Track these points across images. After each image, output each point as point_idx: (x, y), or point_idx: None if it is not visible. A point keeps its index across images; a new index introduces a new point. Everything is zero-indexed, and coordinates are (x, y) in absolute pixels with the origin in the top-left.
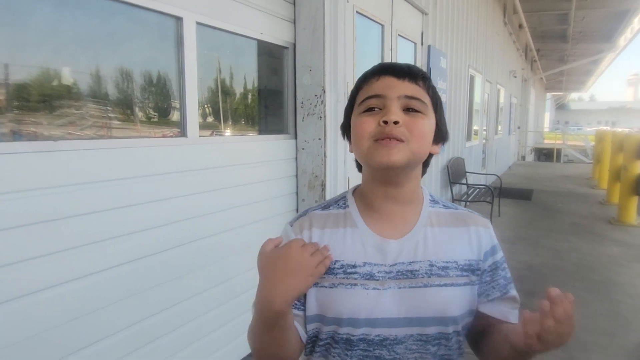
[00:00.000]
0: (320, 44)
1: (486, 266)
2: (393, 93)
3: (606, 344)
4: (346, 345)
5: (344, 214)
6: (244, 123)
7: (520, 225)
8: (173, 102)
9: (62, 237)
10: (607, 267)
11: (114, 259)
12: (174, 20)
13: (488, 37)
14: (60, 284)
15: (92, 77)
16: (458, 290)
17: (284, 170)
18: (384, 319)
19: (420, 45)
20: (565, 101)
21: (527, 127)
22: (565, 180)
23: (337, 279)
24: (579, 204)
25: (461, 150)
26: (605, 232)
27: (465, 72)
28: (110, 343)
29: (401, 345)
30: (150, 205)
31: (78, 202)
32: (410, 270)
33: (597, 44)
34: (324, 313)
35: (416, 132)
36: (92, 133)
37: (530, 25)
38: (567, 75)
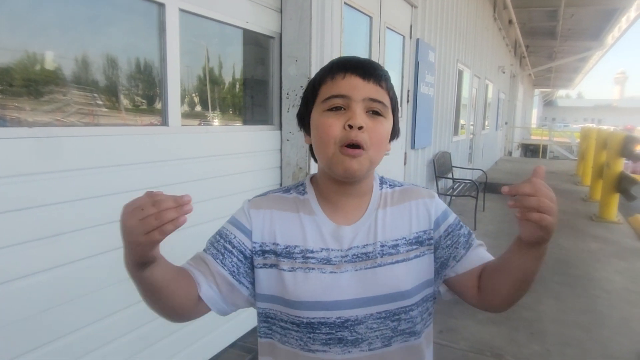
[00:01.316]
0: (307, 35)
1: (441, 232)
2: (358, 95)
3: (582, 337)
4: (308, 329)
5: (303, 201)
6: (229, 113)
7: (504, 220)
8: (155, 90)
9: (39, 225)
10: (586, 262)
11: (89, 248)
12: (157, 6)
13: (477, 32)
14: (39, 271)
15: (73, 63)
16: (410, 265)
17: (268, 162)
18: (343, 301)
19: (409, 38)
20: (553, 98)
21: (515, 123)
22: (550, 176)
23: (296, 263)
24: (561, 200)
25: (448, 144)
26: (586, 229)
27: (454, 66)
28: (93, 330)
29: (362, 325)
30: (129, 194)
31: (54, 190)
32: (364, 253)
33: (585, 42)
34: (283, 296)
35: (376, 139)
36: (72, 120)
37: (520, 21)
38: (555, 72)
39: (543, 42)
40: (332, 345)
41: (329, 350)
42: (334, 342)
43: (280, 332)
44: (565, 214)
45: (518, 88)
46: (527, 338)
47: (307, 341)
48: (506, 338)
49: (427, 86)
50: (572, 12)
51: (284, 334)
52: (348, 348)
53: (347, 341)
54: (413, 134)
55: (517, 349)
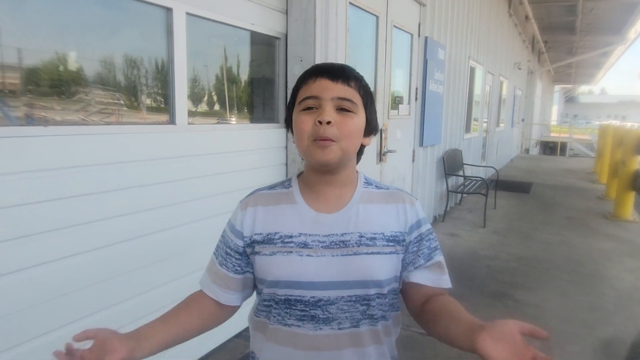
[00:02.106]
0: (311, 35)
1: (412, 238)
2: (327, 95)
3: (585, 335)
4: (285, 305)
5: (287, 193)
6: (235, 112)
7: (515, 218)
8: (163, 90)
9: (47, 220)
10: (597, 261)
11: (96, 242)
12: (164, 11)
13: (491, 29)
14: (42, 263)
15: (85, 64)
16: (384, 258)
17: (274, 159)
18: (318, 282)
19: (417, 36)
20: (574, 94)
21: (532, 120)
22: (567, 174)
23: (275, 247)
24: (577, 198)
25: (459, 142)
26: (600, 227)
27: (465, 63)
28: (85, 323)
29: (334, 305)
30: (136, 189)
31: (64, 186)
32: (342, 241)
33: (607, 37)
34: (265, 277)
35: (345, 131)
36: (82, 118)
37: (537, 16)
38: (575, 68)
39: (562, 38)
40: (305, 321)
41: (302, 325)
42: (307, 318)
43: (263, 310)
44: (579, 212)
45: (536, 84)
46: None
47: (285, 316)
48: None
49: (437, 84)
50: (591, 7)
51: (268, 311)
52: (319, 325)
53: (319, 319)
54: (422, 132)
55: None
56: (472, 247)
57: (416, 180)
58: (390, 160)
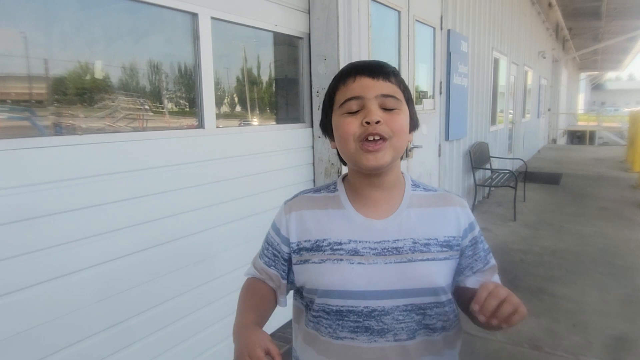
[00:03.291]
0: (334, 33)
1: (467, 242)
2: (370, 93)
3: (626, 329)
4: (337, 316)
5: (333, 197)
6: (262, 113)
7: (545, 210)
8: (191, 94)
9: (93, 224)
10: (634, 252)
11: (134, 246)
12: (190, 17)
13: (514, 18)
14: (88, 267)
15: (114, 72)
16: (439, 264)
17: (301, 159)
18: (370, 292)
19: (440, 29)
20: (601, 81)
21: (559, 110)
22: (597, 163)
23: (324, 255)
24: (609, 188)
25: (485, 134)
26: (635, 217)
27: (489, 55)
28: (122, 329)
29: (389, 316)
30: (169, 194)
31: (98, 193)
32: (395, 247)
33: (634, 21)
34: (316, 287)
35: (396, 128)
36: (119, 125)
37: (561, 3)
38: (602, 54)
39: (587, 24)
40: (359, 333)
41: (356, 337)
42: (361, 330)
43: (313, 321)
44: (612, 202)
45: (561, 73)
46: (568, 330)
47: (336, 328)
48: (546, 330)
49: (461, 77)
50: None
51: (318, 322)
52: (374, 337)
53: (374, 330)
54: (447, 126)
55: (557, 341)
56: (504, 241)
57: (443, 175)
58: (416, 155)
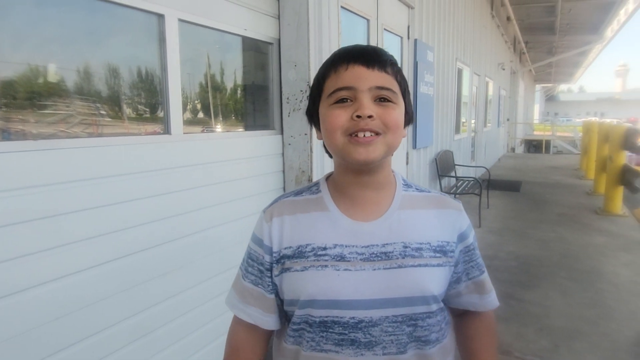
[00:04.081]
0: (305, 40)
1: (462, 247)
2: (364, 85)
3: (590, 332)
4: (321, 328)
5: (316, 199)
6: (230, 119)
7: (508, 216)
8: (157, 99)
9: (49, 235)
10: (593, 256)
11: (100, 257)
12: (156, 18)
13: (476, 30)
14: (49, 281)
15: (74, 75)
16: (431, 271)
17: (271, 166)
18: (357, 301)
19: (407, 39)
20: (554, 93)
21: (517, 119)
22: (554, 171)
23: (308, 261)
24: (566, 195)
25: (450, 143)
26: (592, 222)
27: (453, 65)
28: (101, 338)
29: (377, 327)
30: (134, 202)
31: (61, 201)
32: (384, 252)
33: (585, 36)
34: (298, 297)
35: (391, 123)
36: (76, 130)
37: (518, 17)
38: (555, 67)
39: (542, 38)
40: (344, 346)
41: (341, 351)
42: (347, 343)
43: (294, 335)
44: (570, 208)
45: (519, 84)
46: (536, 334)
47: (320, 341)
48: (515, 334)
49: (427, 86)
50: (569, 7)
51: (298, 335)
52: (361, 350)
53: (360, 343)
54: (414, 134)
55: (526, 345)
56: None
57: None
58: None
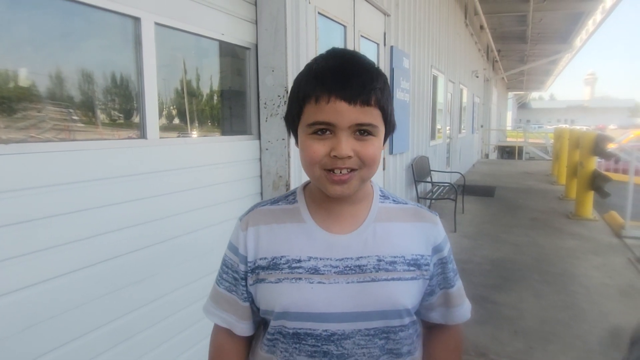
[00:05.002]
0: (282, 45)
1: (436, 260)
2: (344, 122)
3: (563, 333)
4: (294, 339)
5: (292, 209)
6: (207, 124)
7: (482, 221)
8: (132, 103)
9: (23, 241)
10: (565, 259)
11: (75, 262)
12: (132, 21)
13: (450, 38)
14: (23, 287)
15: (48, 78)
16: (405, 285)
17: (248, 171)
18: (330, 314)
19: (383, 45)
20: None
21: (490, 126)
22: (527, 177)
23: (282, 274)
24: (538, 200)
25: (425, 149)
26: (563, 226)
27: (428, 72)
28: (84, 342)
29: (349, 340)
30: (110, 208)
31: (32, 206)
32: (358, 266)
33: (555, 45)
34: (272, 308)
35: (368, 160)
36: (48, 136)
37: (491, 26)
38: (527, 75)
39: (514, 46)
40: (317, 358)
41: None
42: (319, 355)
43: (268, 344)
44: (542, 213)
45: (492, 91)
46: (510, 336)
47: (293, 352)
48: (490, 337)
49: (403, 92)
50: (540, 17)
51: (272, 345)
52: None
53: (333, 355)
54: (391, 140)
55: (501, 348)
56: None
57: (387, 188)
58: None
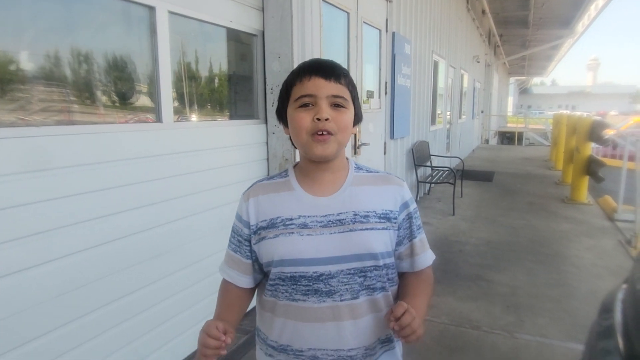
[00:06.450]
0: (289, 32)
1: (404, 215)
2: (322, 93)
3: (552, 308)
4: (291, 282)
5: (284, 182)
6: (216, 108)
7: (480, 205)
8: (148, 88)
9: (34, 221)
10: (558, 241)
11: (88, 241)
12: (147, 10)
13: (452, 23)
14: (33, 266)
15: (70, 65)
16: (377, 233)
17: (256, 154)
18: (318, 259)
19: (385, 32)
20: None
21: (491, 111)
22: (525, 162)
23: (278, 230)
24: (536, 185)
25: (425, 134)
26: (559, 210)
27: (429, 58)
28: (87, 320)
29: (334, 279)
30: (127, 187)
31: (55, 187)
32: (338, 220)
33: (557, 30)
34: (272, 258)
35: (342, 125)
36: (73, 118)
37: (493, 11)
38: (529, 60)
39: (516, 31)
40: (310, 295)
41: (307, 299)
42: (312, 292)
43: (271, 289)
44: (539, 197)
45: (493, 77)
46: (503, 311)
47: (292, 292)
48: (483, 312)
49: (404, 78)
50: (542, 1)
51: (275, 289)
52: (323, 298)
53: (322, 292)
54: (392, 125)
55: (493, 321)
56: (444, 233)
57: (388, 171)
58: (364, 152)
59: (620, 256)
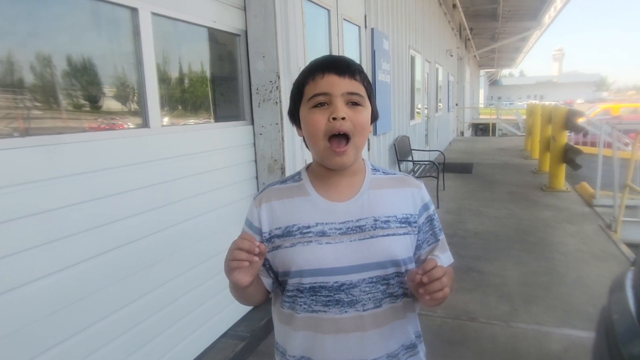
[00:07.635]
0: (272, 31)
1: (423, 219)
2: (337, 90)
3: (544, 296)
4: (310, 293)
5: (298, 186)
6: (201, 111)
7: (463, 197)
8: (134, 93)
9: (39, 232)
10: (542, 229)
11: (89, 251)
12: (130, 11)
13: (425, 18)
14: (40, 277)
15: (50, 69)
16: (398, 239)
17: (243, 156)
18: (338, 268)
19: (364, 28)
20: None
21: (464, 104)
22: (501, 152)
23: (295, 239)
24: (514, 174)
25: (406, 128)
26: (539, 199)
27: (407, 53)
28: (94, 331)
29: (356, 288)
30: (115, 197)
31: (52, 196)
32: (358, 226)
33: (525, 22)
34: (289, 269)
35: (359, 124)
36: (56, 125)
37: (464, 5)
38: (498, 53)
39: (486, 24)
40: (331, 306)
41: (328, 310)
42: (333, 303)
43: (289, 301)
44: (518, 187)
45: (465, 70)
46: (497, 301)
47: (311, 304)
48: (479, 303)
49: (384, 73)
50: None
51: (293, 301)
52: (345, 308)
53: (344, 302)
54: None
55: (489, 312)
56: None
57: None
58: None
59: (603, 240)
